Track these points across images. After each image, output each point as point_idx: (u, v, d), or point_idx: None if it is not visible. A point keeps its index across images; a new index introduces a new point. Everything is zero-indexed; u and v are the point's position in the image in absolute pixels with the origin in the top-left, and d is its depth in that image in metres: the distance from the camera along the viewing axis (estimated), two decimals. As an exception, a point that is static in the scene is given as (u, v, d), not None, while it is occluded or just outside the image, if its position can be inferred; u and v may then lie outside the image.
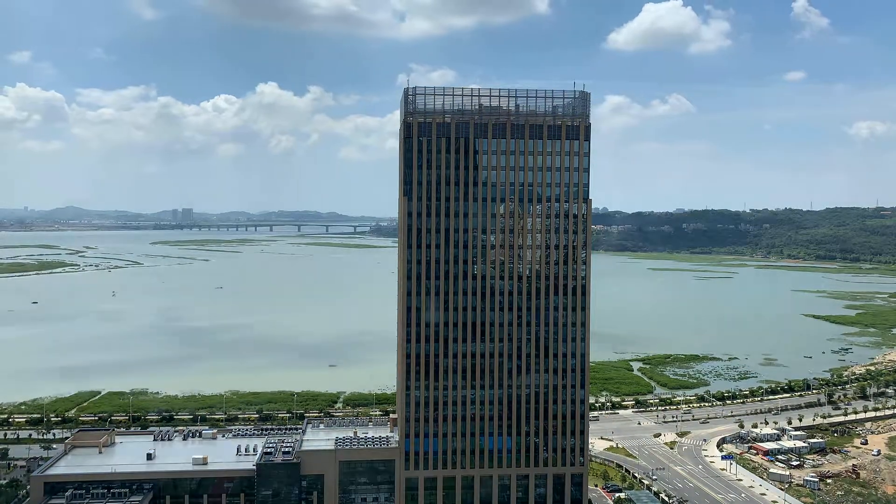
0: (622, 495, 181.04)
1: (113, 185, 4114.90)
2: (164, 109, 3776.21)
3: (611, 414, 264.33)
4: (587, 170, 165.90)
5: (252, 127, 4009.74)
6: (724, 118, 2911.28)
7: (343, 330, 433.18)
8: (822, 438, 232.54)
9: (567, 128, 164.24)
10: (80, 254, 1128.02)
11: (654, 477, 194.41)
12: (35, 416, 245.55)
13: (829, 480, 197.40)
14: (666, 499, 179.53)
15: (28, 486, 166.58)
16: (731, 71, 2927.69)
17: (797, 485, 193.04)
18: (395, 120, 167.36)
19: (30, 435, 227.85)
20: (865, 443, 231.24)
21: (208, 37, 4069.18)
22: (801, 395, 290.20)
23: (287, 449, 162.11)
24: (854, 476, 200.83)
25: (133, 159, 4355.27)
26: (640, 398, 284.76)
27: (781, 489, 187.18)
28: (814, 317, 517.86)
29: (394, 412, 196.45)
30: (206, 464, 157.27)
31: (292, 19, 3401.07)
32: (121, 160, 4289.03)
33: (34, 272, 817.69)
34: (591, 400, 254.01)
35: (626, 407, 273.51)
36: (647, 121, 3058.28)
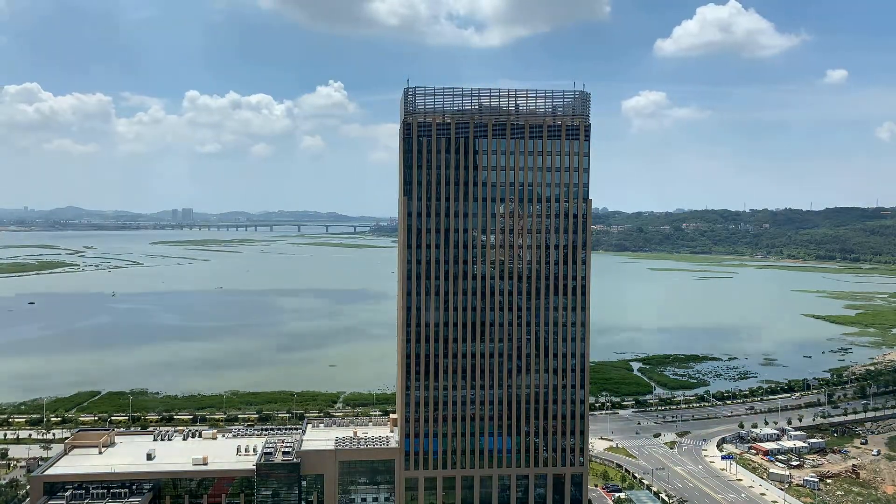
0: (622, 495, 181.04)
1: (114, 184, 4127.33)
2: (220, 111, 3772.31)
3: (611, 414, 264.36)
4: (587, 170, 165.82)
5: (287, 129, 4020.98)
6: (742, 120, 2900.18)
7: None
8: (822, 438, 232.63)
9: (567, 128, 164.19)
10: (79, 254, 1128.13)
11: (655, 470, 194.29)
12: (35, 416, 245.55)
13: (829, 480, 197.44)
14: (666, 499, 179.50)
15: (28, 486, 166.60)
16: (771, 73, 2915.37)
17: (797, 485, 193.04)
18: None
19: (30, 435, 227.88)
20: (865, 443, 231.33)
21: (268, 40, 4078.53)
22: (801, 395, 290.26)
23: (287, 449, 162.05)
24: (854, 476, 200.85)
25: (166, 160, 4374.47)
26: (640, 398, 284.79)
27: (781, 489, 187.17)
28: (814, 317, 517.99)
29: (394, 412, 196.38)
30: (206, 464, 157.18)
31: (356, 26, 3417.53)
32: (151, 161, 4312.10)
33: (34, 272, 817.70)
34: (591, 400, 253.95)
35: (626, 407, 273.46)
36: (677, 123, 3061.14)
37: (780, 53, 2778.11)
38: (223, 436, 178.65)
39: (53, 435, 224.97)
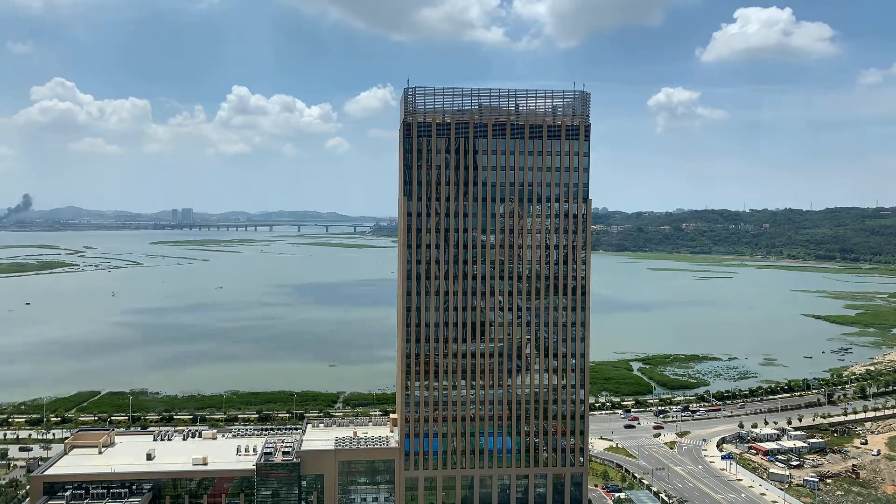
0: (622, 495, 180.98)
1: (113, 184, 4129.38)
2: (260, 113, 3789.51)
3: (611, 414, 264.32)
4: (587, 170, 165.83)
5: (319, 132, 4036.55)
6: (756, 120, 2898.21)
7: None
8: (821, 438, 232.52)
9: (567, 128, 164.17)
10: (79, 254, 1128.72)
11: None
12: (35, 416, 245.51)
13: (828, 480, 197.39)
14: (666, 499, 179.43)
15: (28, 486, 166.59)
16: (802, 75, 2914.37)
17: (797, 485, 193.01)
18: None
19: (30, 435, 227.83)
20: (865, 443, 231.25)
21: (318, 45, 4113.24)
22: (801, 395, 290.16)
23: (287, 449, 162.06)
24: (854, 476, 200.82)
25: (189, 161, 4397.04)
26: (640, 398, 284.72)
27: (781, 489, 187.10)
28: (814, 317, 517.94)
29: (394, 412, 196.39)
30: (206, 464, 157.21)
31: (412, 32, 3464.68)
32: (172, 162, 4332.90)
33: (34, 272, 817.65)
34: (591, 400, 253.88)
35: (626, 407, 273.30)
36: (702, 123, 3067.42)
37: (811, 55, 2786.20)
38: (223, 436, 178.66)
39: (53, 435, 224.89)
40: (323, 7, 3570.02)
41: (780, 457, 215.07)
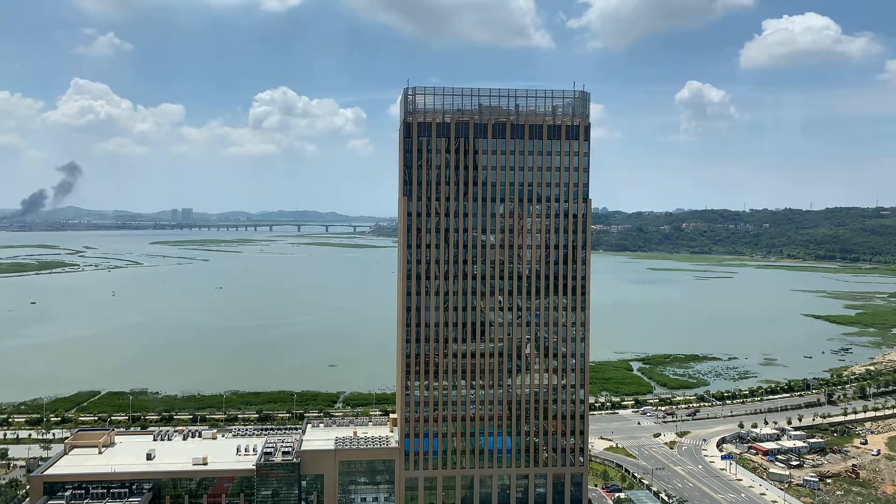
0: (622, 495, 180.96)
1: (120, 185, 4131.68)
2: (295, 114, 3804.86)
3: (611, 414, 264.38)
4: (587, 170, 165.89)
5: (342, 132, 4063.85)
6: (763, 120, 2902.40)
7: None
8: (821, 438, 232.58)
9: (567, 128, 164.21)
10: (79, 254, 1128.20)
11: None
12: (35, 416, 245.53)
13: (828, 480, 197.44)
14: (666, 499, 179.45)
15: (27, 486, 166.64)
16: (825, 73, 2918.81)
17: (797, 485, 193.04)
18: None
19: (29, 435, 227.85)
20: (865, 443, 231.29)
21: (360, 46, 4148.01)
22: (800, 395, 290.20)
23: (287, 449, 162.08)
24: (854, 476, 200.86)
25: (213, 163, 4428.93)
26: (640, 398, 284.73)
27: (781, 489, 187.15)
28: (814, 317, 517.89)
29: (394, 412, 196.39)
30: (205, 464, 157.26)
31: (455, 36, 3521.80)
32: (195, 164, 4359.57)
33: (34, 272, 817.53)
34: (591, 400, 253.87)
35: (625, 407, 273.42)
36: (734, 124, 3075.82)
37: (814, 56, 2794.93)
38: (223, 436, 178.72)
39: (53, 435, 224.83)
40: (371, 14, 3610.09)
41: (780, 457, 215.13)
